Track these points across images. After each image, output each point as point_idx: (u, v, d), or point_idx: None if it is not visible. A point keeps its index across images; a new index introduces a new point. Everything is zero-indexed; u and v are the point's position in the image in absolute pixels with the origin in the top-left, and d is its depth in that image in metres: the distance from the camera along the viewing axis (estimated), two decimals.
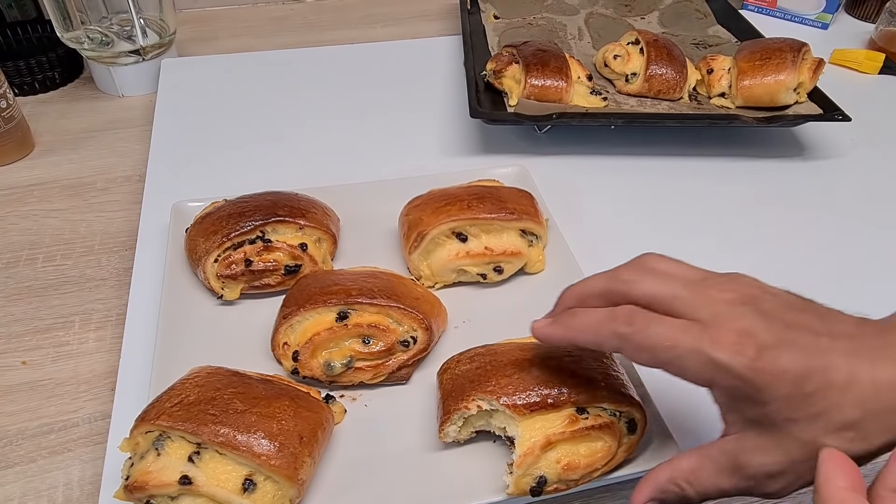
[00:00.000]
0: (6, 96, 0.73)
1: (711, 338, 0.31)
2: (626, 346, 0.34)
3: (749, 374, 0.30)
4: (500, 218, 0.56)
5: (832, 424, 0.30)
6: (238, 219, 0.55)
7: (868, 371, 0.30)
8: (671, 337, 0.32)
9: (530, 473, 0.41)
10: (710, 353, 0.31)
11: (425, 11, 1.11)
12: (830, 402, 0.30)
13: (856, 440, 0.30)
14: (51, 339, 0.56)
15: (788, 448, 0.31)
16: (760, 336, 0.31)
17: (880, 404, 0.30)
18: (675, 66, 0.78)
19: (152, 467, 0.40)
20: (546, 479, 0.41)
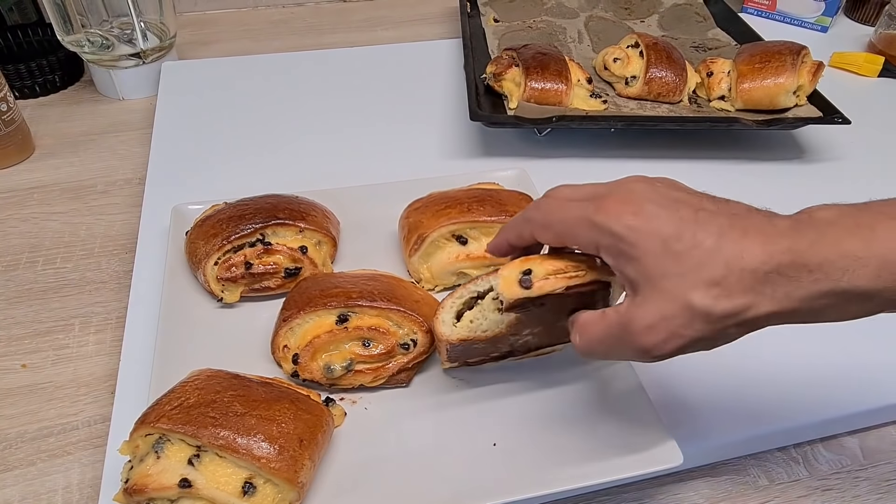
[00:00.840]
0: (6, 99, 0.73)
1: (597, 206, 0.35)
2: (533, 226, 0.39)
3: (623, 231, 0.34)
4: (500, 221, 0.56)
5: (700, 280, 0.33)
6: (238, 221, 0.55)
7: (737, 239, 0.33)
8: (566, 214, 0.37)
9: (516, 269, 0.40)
10: (593, 217, 0.35)
11: (425, 15, 1.11)
12: (698, 261, 0.33)
13: (721, 297, 0.32)
14: (50, 342, 0.56)
15: (661, 303, 0.34)
16: (640, 202, 0.34)
17: (742, 265, 0.32)
18: (675, 69, 0.78)
19: (152, 470, 0.40)
20: (531, 270, 0.39)
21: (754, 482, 0.49)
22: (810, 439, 0.52)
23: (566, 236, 0.37)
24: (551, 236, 0.38)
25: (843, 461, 0.50)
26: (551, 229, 0.38)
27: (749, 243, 0.32)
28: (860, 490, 0.49)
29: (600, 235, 0.35)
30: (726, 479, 0.49)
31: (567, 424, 0.47)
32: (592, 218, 0.35)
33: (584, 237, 0.36)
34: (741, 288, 0.32)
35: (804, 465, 0.50)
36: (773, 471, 0.50)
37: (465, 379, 0.51)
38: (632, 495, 0.48)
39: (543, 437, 0.47)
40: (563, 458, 0.45)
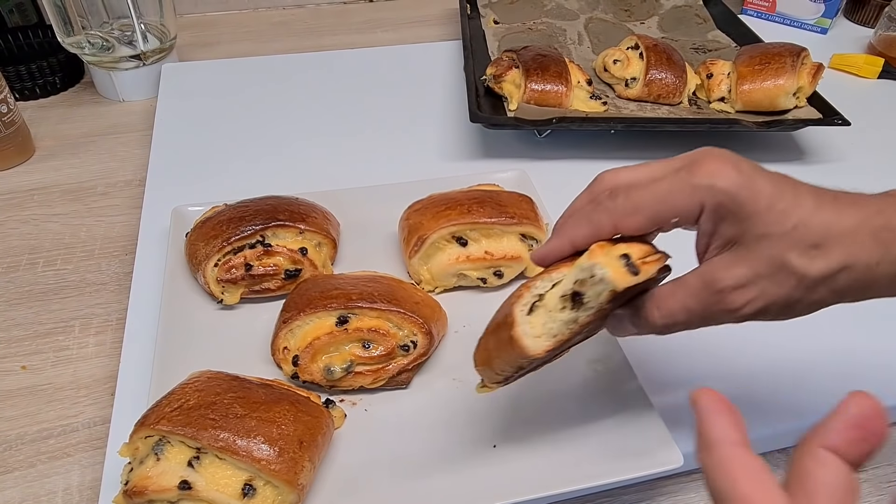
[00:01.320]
0: (7, 101, 0.73)
1: (693, 171, 0.34)
2: (615, 216, 0.36)
3: (733, 188, 0.33)
4: (500, 222, 0.56)
5: (801, 242, 0.33)
6: (238, 223, 0.55)
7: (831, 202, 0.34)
8: (658, 187, 0.35)
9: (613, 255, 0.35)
10: (697, 181, 0.34)
11: (425, 16, 1.11)
12: (800, 219, 0.33)
13: (818, 258, 0.33)
14: (51, 344, 0.56)
15: (756, 262, 0.34)
16: (738, 162, 0.34)
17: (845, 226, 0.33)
18: (675, 71, 0.78)
19: (152, 472, 0.40)
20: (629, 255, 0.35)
21: None
22: None
23: (662, 212, 0.35)
24: (641, 219, 0.35)
25: None
26: (642, 211, 0.35)
27: (844, 206, 0.33)
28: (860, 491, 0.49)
29: (706, 195, 0.34)
30: None
31: (567, 426, 0.47)
32: (693, 181, 0.34)
33: (684, 204, 0.34)
34: (838, 251, 0.33)
35: None
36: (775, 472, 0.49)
37: (465, 381, 0.51)
38: (632, 497, 0.48)
39: (543, 438, 0.47)
40: (563, 460, 0.45)
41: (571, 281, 0.36)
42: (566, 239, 0.38)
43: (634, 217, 0.35)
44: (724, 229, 0.34)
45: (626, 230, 0.36)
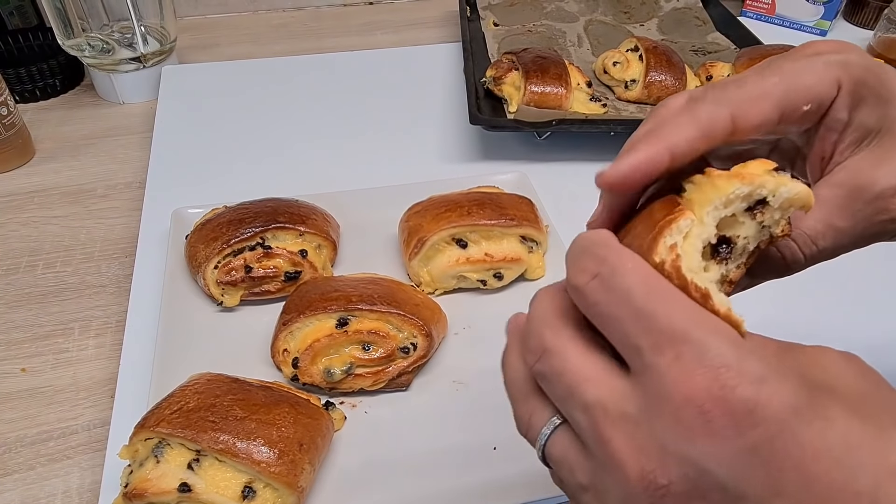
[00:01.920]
0: (7, 103, 0.73)
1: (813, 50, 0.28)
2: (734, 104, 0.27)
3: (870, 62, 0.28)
4: (500, 224, 0.56)
5: None
6: (238, 225, 0.55)
7: None
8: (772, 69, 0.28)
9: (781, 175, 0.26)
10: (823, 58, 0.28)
11: (425, 19, 1.11)
12: None
13: None
14: (50, 346, 0.56)
15: None
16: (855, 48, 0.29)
17: None
18: (675, 73, 0.78)
19: (151, 474, 0.40)
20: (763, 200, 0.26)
21: None
22: None
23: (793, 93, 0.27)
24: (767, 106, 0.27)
25: None
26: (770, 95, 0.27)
27: None
28: None
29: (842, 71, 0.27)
30: None
31: None
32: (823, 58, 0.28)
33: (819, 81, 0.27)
34: None
35: None
36: None
37: (465, 382, 0.51)
38: None
39: None
40: None
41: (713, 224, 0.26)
42: (662, 146, 0.26)
43: (759, 104, 0.27)
44: (863, 116, 0.28)
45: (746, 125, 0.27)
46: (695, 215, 0.25)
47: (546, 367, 0.26)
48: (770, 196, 0.25)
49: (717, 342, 0.22)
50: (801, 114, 0.28)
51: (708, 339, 0.22)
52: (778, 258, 0.29)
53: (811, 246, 0.28)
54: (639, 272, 0.23)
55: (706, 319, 0.22)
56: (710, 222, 0.26)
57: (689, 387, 0.21)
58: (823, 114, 0.29)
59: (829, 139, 0.29)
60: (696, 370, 0.21)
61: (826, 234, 0.28)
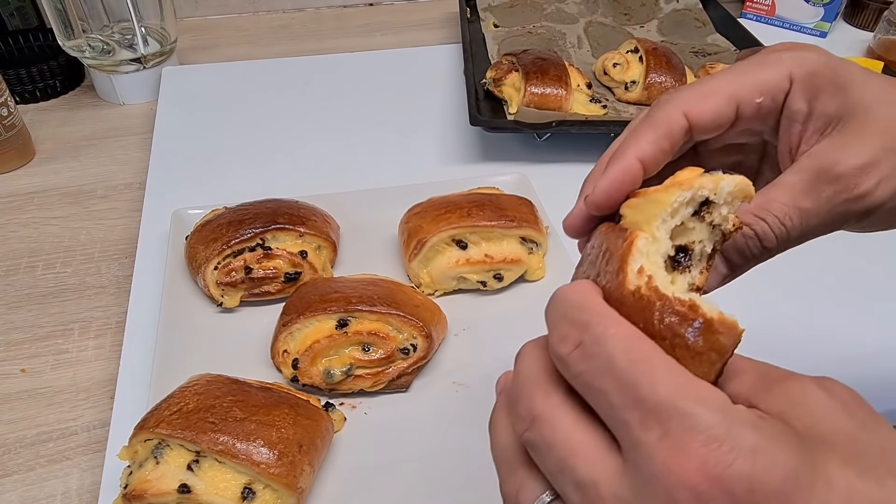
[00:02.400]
0: (7, 104, 0.73)
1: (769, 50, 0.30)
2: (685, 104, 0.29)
3: (823, 57, 0.29)
4: (500, 225, 0.56)
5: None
6: (238, 226, 0.55)
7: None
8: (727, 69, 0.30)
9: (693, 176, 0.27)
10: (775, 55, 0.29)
11: (425, 20, 1.11)
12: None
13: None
14: (50, 347, 0.56)
15: (874, 134, 0.28)
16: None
17: None
18: (675, 75, 0.78)
19: (151, 475, 0.40)
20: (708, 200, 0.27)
21: None
22: None
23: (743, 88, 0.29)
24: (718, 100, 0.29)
25: None
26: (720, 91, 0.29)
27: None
28: None
29: (794, 65, 0.29)
30: None
31: None
32: (774, 55, 0.29)
33: (769, 75, 0.29)
34: None
35: None
36: None
37: (465, 384, 0.51)
38: None
39: None
40: None
41: (666, 237, 0.26)
42: (630, 155, 0.29)
43: (711, 99, 0.29)
44: (823, 105, 0.29)
45: (701, 119, 0.29)
46: (647, 234, 0.26)
47: (536, 436, 0.25)
48: (712, 194, 0.26)
49: (705, 412, 0.21)
50: (755, 107, 0.29)
51: (695, 409, 0.21)
52: (752, 239, 0.29)
53: (780, 227, 0.29)
54: (621, 338, 0.23)
55: (691, 386, 0.22)
56: (663, 236, 0.26)
57: (682, 467, 0.20)
58: (782, 108, 0.30)
59: (793, 131, 0.30)
60: (686, 447, 0.20)
61: (793, 214, 0.29)
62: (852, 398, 0.25)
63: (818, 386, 0.24)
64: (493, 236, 0.57)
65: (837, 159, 0.28)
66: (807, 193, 0.29)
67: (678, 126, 0.29)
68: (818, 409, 0.23)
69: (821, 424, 0.23)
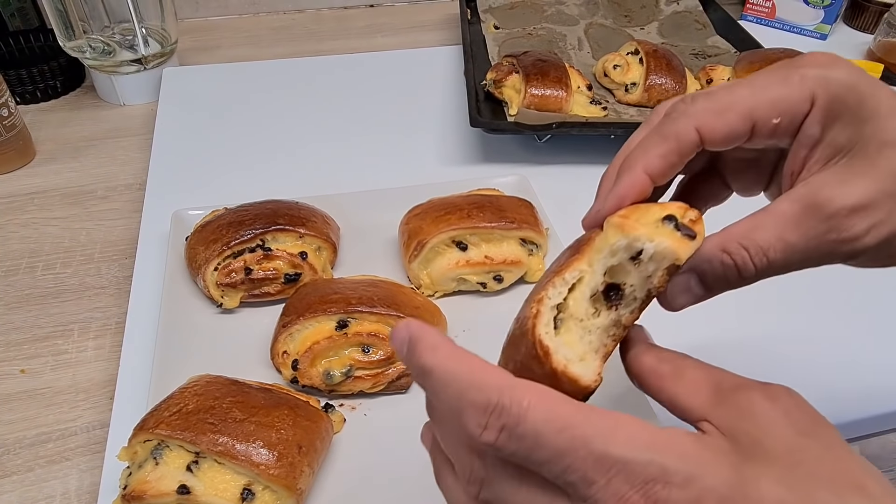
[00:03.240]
0: (8, 105, 0.73)
1: (795, 62, 0.28)
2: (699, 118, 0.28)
3: (852, 79, 0.27)
4: (500, 227, 0.56)
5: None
6: (238, 227, 0.55)
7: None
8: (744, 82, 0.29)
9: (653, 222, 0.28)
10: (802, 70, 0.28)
11: (426, 21, 1.12)
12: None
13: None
14: (50, 348, 0.56)
15: (880, 176, 0.26)
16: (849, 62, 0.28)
17: None
18: (675, 76, 0.78)
19: (150, 476, 0.40)
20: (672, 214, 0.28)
21: None
22: None
23: (760, 106, 0.28)
24: (734, 118, 0.28)
25: None
26: (735, 106, 0.28)
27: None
28: None
29: (819, 86, 0.27)
30: None
31: None
32: (801, 71, 0.27)
33: (790, 94, 0.27)
34: None
35: None
36: None
37: None
38: None
39: None
40: None
41: (601, 272, 0.28)
42: (639, 169, 0.29)
43: (725, 116, 0.28)
44: (836, 133, 0.28)
45: (713, 137, 0.28)
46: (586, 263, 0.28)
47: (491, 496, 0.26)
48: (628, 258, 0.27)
49: (638, 453, 0.23)
50: (771, 127, 0.28)
51: (628, 454, 0.23)
52: (731, 268, 0.28)
53: (762, 257, 0.28)
54: (540, 409, 0.23)
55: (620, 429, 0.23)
56: (599, 270, 0.28)
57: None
58: (799, 128, 0.28)
59: (799, 154, 0.29)
60: (628, 493, 0.23)
61: (777, 247, 0.28)
62: (795, 405, 0.25)
63: (763, 395, 0.25)
64: (493, 238, 0.57)
65: (832, 195, 0.27)
66: (795, 226, 0.28)
67: (689, 141, 0.29)
68: (762, 419, 0.24)
69: (764, 437, 0.24)
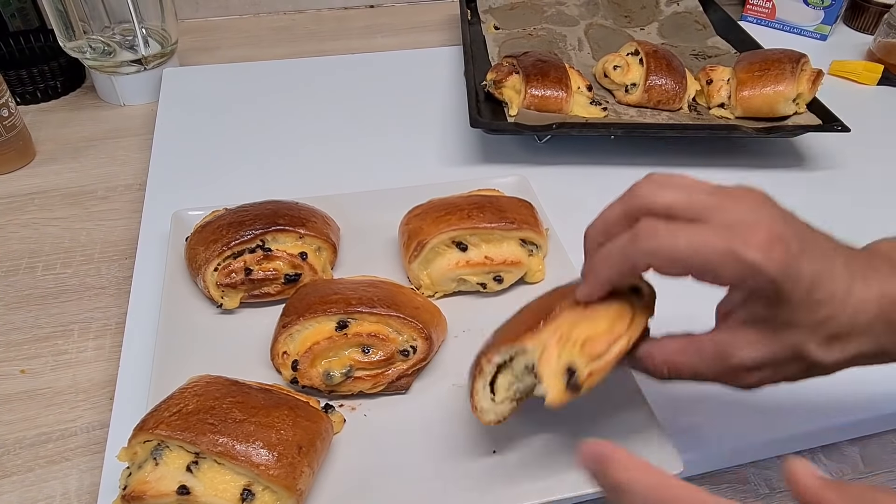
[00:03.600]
0: (8, 105, 0.73)
1: (743, 239, 0.31)
2: (656, 260, 0.33)
3: (779, 276, 0.31)
4: (500, 227, 0.56)
5: (824, 333, 0.33)
6: (238, 228, 0.55)
7: (861, 287, 0.33)
8: (701, 242, 0.32)
9: (558, 370, 0.37)
10: (743, 253, 0.31)
11: (426, 22, 1.12)
12: (830, 313, 0.33)
13: (836, 348, 0.34)
14: (50, 348, 0.56)
15: (777, 348, 0.34)
16: (788, 239, 0.32)
17: (865, 320, 0.33)
18: (675, 77, 0.78)
19: (150, 477, 0.40)
20: (575, 366, 0.36)
21: (755, 490, 0.49)
22: (811, 447, 0.52)
23: (701, 272, 0.33)
24: (679, 270, 0.33)
25: (844, 469, 0.50)
26: (682, 263, 0.32)
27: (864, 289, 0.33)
28: None
29: (752, 276, 0.32)
30: (727, 486, 0.49)
31: (566, 431, 0.47)
32: (742, 254, 0.31)
33: (729, 274, 0.32)
34: (855, 343, 0.33)
35: None
36: (774, 479, 0.49)
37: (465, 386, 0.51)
38: None
39: (542, 444, 0.47)
40: (562, 466, 0.45)
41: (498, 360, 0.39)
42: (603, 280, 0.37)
43: (672, 266, 0.33)
44: (755, 308, 0.34)
45: (663, 274, 0.34)
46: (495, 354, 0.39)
47: None
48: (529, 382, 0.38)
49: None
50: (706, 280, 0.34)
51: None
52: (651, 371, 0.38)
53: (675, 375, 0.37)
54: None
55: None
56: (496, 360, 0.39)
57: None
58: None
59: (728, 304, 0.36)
60: None
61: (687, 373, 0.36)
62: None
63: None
64: (493, 238, 0.57)
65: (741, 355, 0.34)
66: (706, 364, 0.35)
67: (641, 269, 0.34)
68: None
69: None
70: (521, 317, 0.43)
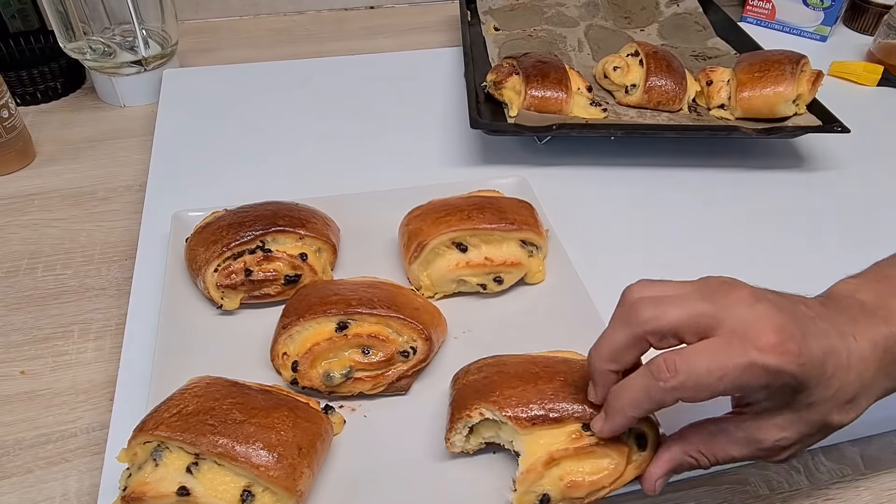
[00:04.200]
0: (8, 106, 0.73)
1: (757, 347, 0.33)
2: (683, 394, 0.35)
3: (798, 371, 0.34)
4: (500, 228, 0.56)
5: (840, 401, 0.36)
6: (238, 229, 0.55)
7: (855, 347, 0.35)
8: (720, 366, 0.34)
9: (533, 490, 0.41)
10: (764, 362, 0.33)
11: (426, 23, 1.12)
12: (841, 382, 0.35)
13: (851, 410, 0.37)
14: (49, 349, 0.56)
15: (804, 427, 0.36)
16: (790, 329, 0.34)
17: (869, 375, 0.36)
18: (675, 78, 0.78)
19: (150, 478, 0.40)
20: (549, 497, 0.41)
21: (755, 491, 0.49)
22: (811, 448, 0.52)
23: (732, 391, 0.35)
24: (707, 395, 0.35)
25: (844, 470, 0.50)
26: (708, 389, 0.34)
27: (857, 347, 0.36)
28: (861, 500, 0.48)
29: (773, 378, 0.34)
30: (727, 487, 0.49)
31: None
32: (763, 363, 0.33)
33: (755, 384, 0.34)
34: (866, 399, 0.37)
35: (805, 474, 0.50)
36: (774, 479, 0.49)
37: None
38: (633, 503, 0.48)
39: None
40: None
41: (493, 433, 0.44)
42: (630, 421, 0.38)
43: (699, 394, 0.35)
44: (778, 399, 0.36)
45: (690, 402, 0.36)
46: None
47: None
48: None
49: None
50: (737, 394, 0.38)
51: None
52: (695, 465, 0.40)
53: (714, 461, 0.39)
54: None
55: None
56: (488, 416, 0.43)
57: None
58: None
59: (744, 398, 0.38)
60: None
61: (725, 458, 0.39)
62: None
63: None
64: (493, 239, 0.57)
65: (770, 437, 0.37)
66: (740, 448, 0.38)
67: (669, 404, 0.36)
68: None
69: None
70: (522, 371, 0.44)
